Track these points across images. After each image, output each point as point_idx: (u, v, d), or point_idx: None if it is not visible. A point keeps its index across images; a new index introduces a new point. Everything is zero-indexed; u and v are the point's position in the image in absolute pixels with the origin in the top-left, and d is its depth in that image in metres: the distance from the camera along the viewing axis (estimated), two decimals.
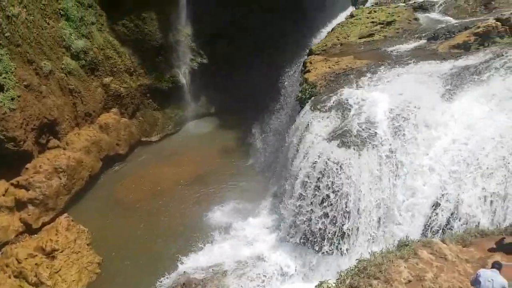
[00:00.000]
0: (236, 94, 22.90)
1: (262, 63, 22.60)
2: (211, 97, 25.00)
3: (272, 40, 23.49)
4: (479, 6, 14.55)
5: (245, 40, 23.81)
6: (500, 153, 9.51)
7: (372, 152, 10.34)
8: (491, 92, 10.71)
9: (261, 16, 23.23)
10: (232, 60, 23.79)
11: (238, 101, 22.57)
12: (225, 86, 23.88)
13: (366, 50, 14.44)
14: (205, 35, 23.90)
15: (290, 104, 16.49)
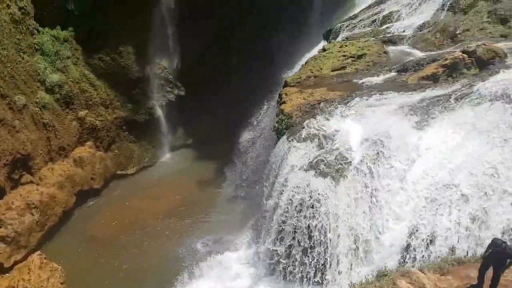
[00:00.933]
0: (214, 124, 23.03)
1: (240, 95, 22.87)
2: (189, 129, 25.02)
3: (249, 73, 23.88)
4: (446, 39, 15.17)
5: (222, 73, 24.17)
6: (473, 180, 9.76)
7: (348, 181, 10.49)
8: (461, 121, 11.07)
9: (237, 52, 23.67)
10: (209, 92, 24.00)
11: (217, 131, 22.67)
12: (203, 117, 24.01)
13: (339, 82, 14.82)
14: (183, 67, 24.15)
15: (268, 134, 16.67)
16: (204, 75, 24.15)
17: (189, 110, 23.99)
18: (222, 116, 22.79)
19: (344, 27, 18.52)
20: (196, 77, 24.12)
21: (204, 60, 24.24)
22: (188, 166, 23.23)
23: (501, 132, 10.26)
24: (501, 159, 9.84)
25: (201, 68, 24.32)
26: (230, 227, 16.37)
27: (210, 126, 23.25)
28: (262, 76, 21.37)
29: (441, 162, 10.21)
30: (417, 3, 16.94)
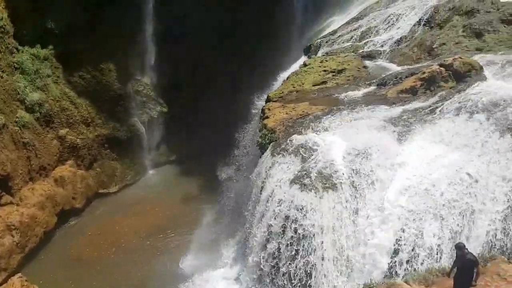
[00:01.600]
0: (198, 140, 23.00)
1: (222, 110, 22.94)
2: (172, 145, 24.95)
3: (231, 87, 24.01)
4: (423, 53, 15.53)
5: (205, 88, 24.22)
6: (455, 191, 9.93)
7: (332, 195, 10.57)
8: (441, 133, 11.29)
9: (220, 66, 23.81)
10: (192, 107, 24.02)
11: (201, 147, 22.64)
12: (185, 133, 23.98)
13: (320, 96, 15.00)
14: (165, 84, 24.15)
15: (252, 149, 16.70)
16: (187, 91, 24.19)
17: (172, 126, 23.97)
18: (206, 132, 22.80)
19: (324, 42, 18.82)
20: (179, 93, 24.15)
21: (187, 76, 24.28)
22: (172, 183, 23.10)
23: (479, 143, 10.49)
24: (481, 170, 10.05)
25: (184, 84, 24.36)
26: (215, 244, 16.26)
27: (194, 142, 23.22)
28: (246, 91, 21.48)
29: (422, 174, 10.37)
30: (394, 19, 17.34)
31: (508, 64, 13.09)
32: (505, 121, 10.64)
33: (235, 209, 17.35)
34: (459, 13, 15.94)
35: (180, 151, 24.75)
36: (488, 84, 12.24)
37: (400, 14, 17.35)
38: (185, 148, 24.06)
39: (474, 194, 9.88)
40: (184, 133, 23.89)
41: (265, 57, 22.31)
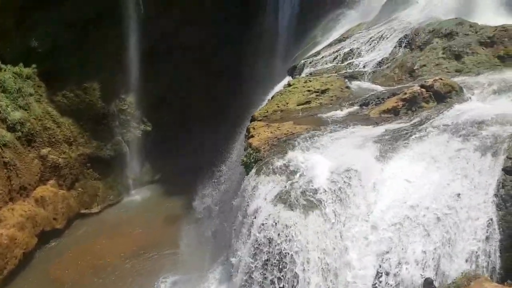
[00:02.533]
0: (182, 159, 22.92)
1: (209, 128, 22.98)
2: (156, 164, 24.80)
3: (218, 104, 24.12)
4: (404, 74, 15.85)
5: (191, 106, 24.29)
6: (437, 210, 10.05)
7: (317, 214, 10.61)
8: (422, 152, 11.46)
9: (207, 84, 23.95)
10: (177, 125, 24.01)
11: (185, 166, 22.55)
12: (170, 152, 23.87)
13: (305, 116, 15.14)
14: (150, 103, 24.13)
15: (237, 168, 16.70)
16: (173, 109, 24.21)
17: (156, 145, 23.88)
18: (192, 150, 22.76)
19: (308, 63, 19.10)
20: (163, 112, 24.14)
21: (173, 94, 24.33)
22: (156, 202, 22.91)
23: (461, 163, 10.68)
24: (462, 188, 10.22)
25: (169, 102, 24.38)
26: (199, 264, 16.06)
27: (178, 161, 23.13)
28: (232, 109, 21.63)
29: (405, 193, 10.49)
30: (376, 41, 17.72)
31: (487, 86, 13.46)
32: (485, 141, 10.87)
33: (220, 229, 17.24)
34: (438, 35, 16.37)
35: (164, 170, 24.61)
36: (468, 105, 12.56)
37: (381, 37, 17.75)
38: (169, 167, 23.93)
39: (456, 214, 10.00)
40: (169, 151, 23.78)
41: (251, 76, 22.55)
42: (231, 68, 23.76)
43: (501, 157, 10.14)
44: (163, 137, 23.94)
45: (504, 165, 10.00)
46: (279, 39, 23.89)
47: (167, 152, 23.91)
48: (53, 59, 20.37)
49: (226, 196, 17.24)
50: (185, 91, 24.44)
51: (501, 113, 11.66)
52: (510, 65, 14.33)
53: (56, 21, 20.36)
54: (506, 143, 10.41)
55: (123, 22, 22.09)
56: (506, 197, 9.71)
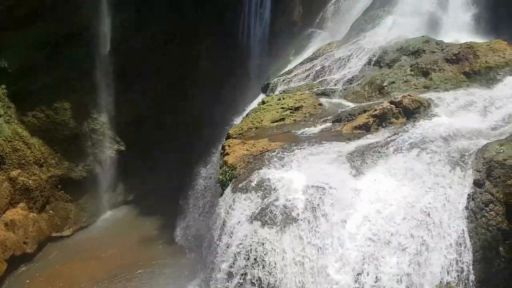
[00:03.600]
0: (157, 178, 22.71)
1: (184, 147, 22.90)
2: (129, 184, 24.49)
3: (193, 123, 24.11)
4: (374, 91, 16.26)
5: (165, 124, 24.19)
6: (410, 224, 10.25)
7: (293, 231, 10.66)
8: (394, 167, 11.71)
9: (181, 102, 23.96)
10: (152, 144, 23.84)
11: (160, 185, 22.36)
12: (145, 171, 23.63)
13: (279, 133, 15.30)
14: (123, 122, 23.92)
15: (213, 186, 16.66)
16: (147, 128, 24.06)
17: (130, 164, 23.62)
18: (167, 169, 22.59)
19: (281, 81, 19.40)
20: (137, 131, 23.94)
21: (147, 113, 24.21)
22: (130, 223, 22.56)
23: (431, 177, 10.97)
24: (434, 202, 10.47)
25: (143, 121, 24.23)
26: (175, 285, 15.82)
27: (153, 180, 22.92)
28: (207, 127, 21.66)
29: (378, 208, 10.67)
30: (346, 59, 18.19)
31: (454, 101, 13.94)
32: (454, 155, 11.22)
33: (196, 249, 17.06)
34: (406, 53, 16.93)
35: (138, 190, 24.33)
36: (437, 120, 12.94)
37: (351, 55, 18.24)
38: (144, 186, 23.68)
39: (429, 227, 10.22)
40: (143, 171, 23.55)
41: (225, 95, 22.70)
42: (205, 87, 23.86)
43: (469, 170, 10.47)
44: (137, 156, 23.70)
45: (473, 178, 10.31)
46: (252, 57, 24.22)
47: (142, 172, 23.67)
48: (23, 79, 20.05)
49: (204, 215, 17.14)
50: (159, 110, 24.36)
51: (468, 128, 12.09)
52: (475, 81, 14.89)
53: (26, 41, 20.11)
54: (474, 156, 10.76)
55: (94, 42, 21.98)
56: (476, 209, 10.00)
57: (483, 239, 9.83)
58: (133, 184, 24.12)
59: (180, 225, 19.77)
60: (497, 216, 9.85)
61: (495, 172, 10.12)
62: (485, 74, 14.78)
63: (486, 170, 10.28)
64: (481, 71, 14.87)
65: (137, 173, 23.76)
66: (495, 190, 10.02)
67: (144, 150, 23.71)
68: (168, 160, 22.85)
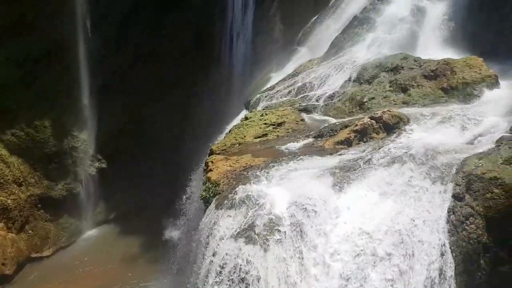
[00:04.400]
0: (140, 196, 22.49)
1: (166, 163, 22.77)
2: (111, 202, 24.16)
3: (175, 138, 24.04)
4: (355, 107, 16.52)
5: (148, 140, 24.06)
6: (393, 238, 10.34)
7: (277, 248, 10.65)
8: (376, 181, 11.84)
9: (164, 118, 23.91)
10: (133, 161, 23.65)
11: (143, 203, 22.13)
12: (126, 188, 23.38)
13: (262, 148, 15.37)
14: (104, 139, 23.71)
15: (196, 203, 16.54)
16: (128, 145, 23.89)
17: (111, 182, 23.34)
18: (149, 186, 22.40)
19: (263, 97, 19.58)
20: (119, 149, 23.73)
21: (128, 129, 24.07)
22: (112, 242, 22.19)
23: (413, 191, 11.13)
24: (416, 216, 10.60)
25: (125, 138, 24.06)
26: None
27: (136, 198, 22.66)
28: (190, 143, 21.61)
29: (361, 222, 10.76)
30: (327, 75, 18.49)
31: (433, 116, 14.25)
32: (434, 169, 11.42)
33: (180, 268, 16.83)
34: (385, 70, 17.29)
35: (120, 208, 24.01)
36: (416, 135, 13.19)
37: (331, 72, 18.57)
38: (125, 204, 23.39)
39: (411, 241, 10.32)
40: (125, 189, 23.27)
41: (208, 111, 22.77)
42: (187, 104, 23.88)
43: (449, 184, 10.66)
44: (119, 174, 23.45)
45: (453, 192, 10.49)
46: (234, 74, 24.40)
47: (124, 190, 23.39)
48: (1, 97, 19.74)
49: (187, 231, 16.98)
50: (141, 127, 24.23)
51: (447, 142, 12.34)
52: (453, 96, 15.29)
53: (3, 59, 19.89)
54: (453, 170, 10.97)
55: (74, 59, 21.87)
56: (457, 223, 10.17)
57: (465, 252, 9.99)
58: (114, 202, 23.81)
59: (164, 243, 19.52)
60: (477, 229, 10.03)
61: (475, 186, 10.34)
62: (463, 90, 15.18)
63: (466, 184, 10.48)
64: (459, 87, 15.27)
65: (118, 191, 23.48)
66: (475, 203, 10.22)
67: (126, 167, 23.49)
68: (151, 177, 22.68)
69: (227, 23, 24.66)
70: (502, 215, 9.89)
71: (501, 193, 9.97)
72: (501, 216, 9.89)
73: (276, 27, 23.87)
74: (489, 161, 10.64)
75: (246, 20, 24.18)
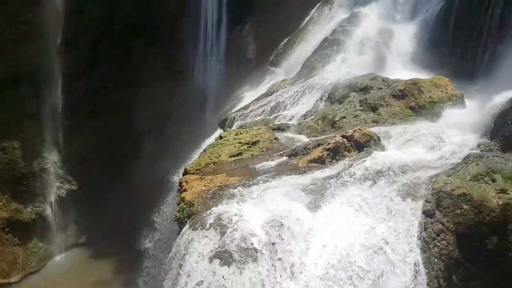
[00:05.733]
0: (111, 219, 22.06)
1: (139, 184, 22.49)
2: (82, 225, 23.69)
3: (148, 159, 23.80)
4: (327, 126, 16.81)
5: (119, 161, 23.73)
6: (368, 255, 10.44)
7: (252, 269, 10.59)
8: (349, 199, 12.00)
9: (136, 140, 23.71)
10: (105, 183, 23.27)
11: (114, 226, 21.71)
12: (98, 210, 22.95)
13: (237, 167, 15.38)
14: (75, 160, 23.31)
15: (170, 224, 16.33)
16: (100, 166, 23.54)
17: (82, 204, 22.93)
18: (121, 208, 22.02)
19: (238, 116, 19.72)
20: (89, 170, 23.35)
21: (99, 150, 23.74)
22: (82, 267, 21.64)
23: (384, 208, 11.32)
24: (389, 233, 10.76)
25: (96, 159, 23.71)
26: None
27: (107, 221, 22.22)
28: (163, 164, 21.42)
29: (335, 241, 10.84)
30: (299, 95, 18.81)
31: (402, 134, 14.61)
32: (404, 186, 11.66)
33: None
34: (355, 89, 17.72)
35: (91, 231, 23.52)
36: (386, 153, 13.49)
37: (304, 91, 18.91)
38: (97, 227, 22.92)
39: (385, 258, 10.45)
40: (96, 211, 22.84)
41: (182, 131, 22.69)
42: (160, 123, 23.79)
43: (420, 201, 10.88)
44: (90, 195, 23.01)
45: (423, 209, 10.71)
46: (208, 93, 24.49)
47: (95, 211, 22.91)
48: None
49: (162, 256, 16.69)
50: (111, 148, 23.92)
51: (416, 160, 12.65)
52: (421, 115, 15.75)
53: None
54: (423, 187, 11.22)
55: (43, 81, 21.62)
56: (429, 239, 10.35)
57: (437, 268, 10.16)
58: (85, 225, 23.28)
59: (137, 266, 19.09)
60: (448, 245, 10.24)
61: (444, 202, 10.59)
62: (430, 109, 15.67)
63: (436, 201, 10.73)
64: (426, 106, 15.75)
65: (89, 213, 22.99)
66: (445, 219, 10.44)
67: (97, 189, 23.07)
68: (123, 199, 22.28)
69: (200, 44, 24.88)
70: (471, 231, 10.13)
71: (470, 209, 10.23)
72: (471, 231, 10.13)
73: (250, 47, 24.22)
74: (458, 178, 10.93)
75: (220, 40, 24.46)
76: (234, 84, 23.44)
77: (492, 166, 11.00)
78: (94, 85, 23.12)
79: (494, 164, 11.05)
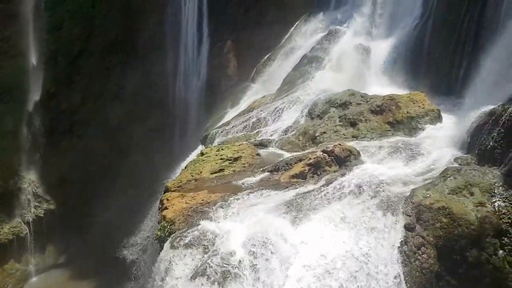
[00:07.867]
0: (89, 239, 21.67)
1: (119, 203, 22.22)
2: (60, 245, 23.22)
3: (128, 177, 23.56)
4: (308, 141, 16.96)
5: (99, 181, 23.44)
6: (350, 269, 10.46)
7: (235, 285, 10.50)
8: (331, 213, 12.05)
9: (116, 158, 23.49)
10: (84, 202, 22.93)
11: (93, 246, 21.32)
12: (76, 230, 22.54)
13: (219, 184, 15.32)
14: (53, 179, 22.95)
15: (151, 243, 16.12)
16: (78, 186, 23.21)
17: (60, 224, 22.50)
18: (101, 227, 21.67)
19: (219, 132, 19.75)
20: (68, 189, 23.00)
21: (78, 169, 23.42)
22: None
23: (365, 223, 11.40)
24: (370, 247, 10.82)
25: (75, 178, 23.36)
26: None
27: (86, 241, 21.80)
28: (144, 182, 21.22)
29: (318, 256, 10.85)
30: (280, 111, 18.99)
31: (381, 149, 14.84)
32: (385, 200, 11.80)
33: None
34: (334, 105, 17.99)
35: (69, 251, 23.06)
36: (366, 167, 13.65)
37: (284, 107, 19.11)
38: (76, 247, 22.47)
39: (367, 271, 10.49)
40: (75, 231, 22.41)
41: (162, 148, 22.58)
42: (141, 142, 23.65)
43: (400, 215, 11.01)
44: (68, 215, 22.60)
45: (404, 222, 10.83)
46: (190, 110, 24.51)
47: (73, 232, 22.51)
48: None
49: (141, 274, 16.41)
50: (91, 167, 23.63)
51: (395, 174, 12.83)
52: (399, 130, 16.05)
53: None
54: (403, 201, 11.37)
55: (21, 98, 21.35)
56: (410, 253, 10.45)
57: (418, 282, 10.24)
58: (64, 245, 22.80)
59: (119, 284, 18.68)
60: (429, 258, 10.36)
61: (424, 216, 10.75)
62: (408, 124, 15.98)
63: (416, 214, 10.87)
64: (404, 121, 16.06)
65: (68, 233, 22.53)
66: (426, 233, 10.58)
67: (75, 209, 22.68)
68: (103, 219, 21.91)
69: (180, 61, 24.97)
70: (451, 244, 10.30)
71: (449, 222, 10.41)
72: (451, 244, 10.30)
73: (231, 64, 24.40)
74: (437, 192, 11.13)
75: (201, 57, 24.60)
76: (216, 100, 23.53)
77: (469, 179, 11.22)
78: (72, 102, 22.91)
79: (472, 178, 11.27)
